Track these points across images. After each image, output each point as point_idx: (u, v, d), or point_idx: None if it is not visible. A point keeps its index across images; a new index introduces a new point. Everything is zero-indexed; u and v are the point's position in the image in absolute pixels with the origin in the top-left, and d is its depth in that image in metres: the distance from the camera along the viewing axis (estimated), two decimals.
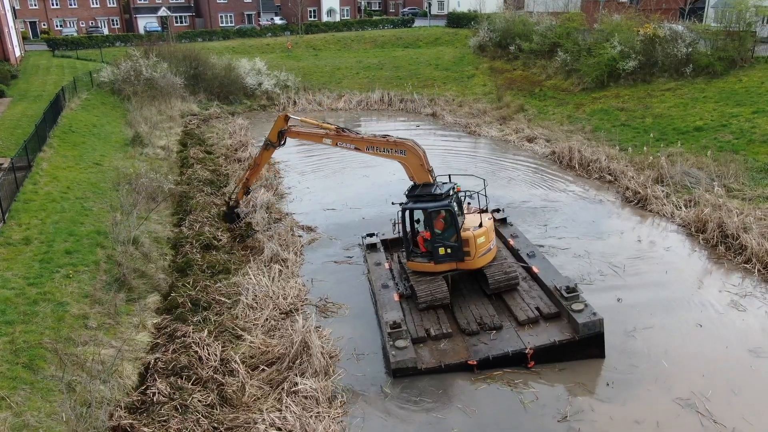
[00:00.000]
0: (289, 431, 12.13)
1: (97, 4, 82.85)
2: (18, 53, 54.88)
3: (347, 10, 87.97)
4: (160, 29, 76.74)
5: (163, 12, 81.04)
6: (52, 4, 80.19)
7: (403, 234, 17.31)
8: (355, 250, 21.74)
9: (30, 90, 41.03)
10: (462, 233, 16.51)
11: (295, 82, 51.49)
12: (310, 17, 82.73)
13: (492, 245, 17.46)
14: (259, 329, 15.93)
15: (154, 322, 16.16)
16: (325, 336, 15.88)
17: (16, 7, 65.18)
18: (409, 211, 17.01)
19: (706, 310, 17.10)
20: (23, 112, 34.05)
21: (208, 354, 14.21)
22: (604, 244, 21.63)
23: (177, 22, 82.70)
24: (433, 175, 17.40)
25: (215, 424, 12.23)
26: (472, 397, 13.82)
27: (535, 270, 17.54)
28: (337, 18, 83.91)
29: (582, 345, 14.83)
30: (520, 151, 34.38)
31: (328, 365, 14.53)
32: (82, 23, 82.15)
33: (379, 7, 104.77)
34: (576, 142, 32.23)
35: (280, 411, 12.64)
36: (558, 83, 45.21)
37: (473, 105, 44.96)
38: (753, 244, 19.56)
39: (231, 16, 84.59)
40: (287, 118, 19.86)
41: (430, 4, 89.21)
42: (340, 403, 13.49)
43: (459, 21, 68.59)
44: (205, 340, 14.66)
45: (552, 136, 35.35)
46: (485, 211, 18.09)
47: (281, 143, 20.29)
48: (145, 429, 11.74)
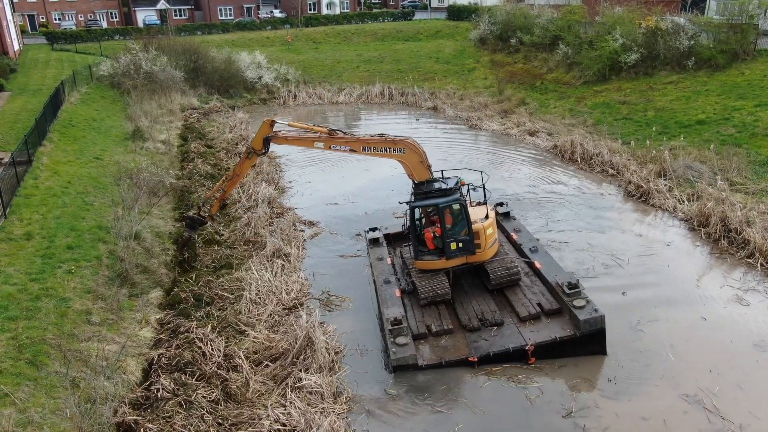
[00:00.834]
0: (294, 427, 12.10)
1: None
2: (17, 47, 54.64)
3: (347, 3, 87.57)
4: (159, 22, 76.44)
5: (162, 5, 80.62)
6: None
7: (411, 232, 17.16)
8: (360, 245, 21.71)
9: (29, 84, 40.85)
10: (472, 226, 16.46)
11: (295, 75, 51.33)
12: (310, 10, 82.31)
13: (496, 237, 17.45)
14: (263, 324, 15.90)
15: (157, 317, 16.13)
16: (330, 332, 15.85)
17: (15, 1, 64.74)
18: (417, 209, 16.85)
19: (709, 305, 17.08)
20: (23, 106, 33.89)
21: (212, 349, 14.19)
22: (606, 237, 21.59)
23: (176, 15, 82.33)
24: (430, 171, 17.27)
25: (219, 420, 12.23)
26: (475, 393, 13.80)
27: (538, 265, 17.49)
28: (337, 11, 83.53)
29: (583, 341, 14.80)
30: (521, 144, 34.26)
31: (333, 361, 14.51)
32: (81, 16, 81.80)
33: None
34: (578, 136, 32.12)
35: (284, 407, 12.61)
36: (559, 76, 45.02)
37: (474, 98, 44.78)
38: (756, 239, 19.50)
39: (230, 9, 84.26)
40: (273, 123, 17.95)
41: None
42: (345, 398, 13.48)
43: (459, 14, 68.35)
44: (208, 336, 14.65)
45: (553, 129, 35.23)
46: (483, 204, 18.04)
47: (265, 151, 18.32)
48: (149, 425, 11.73)
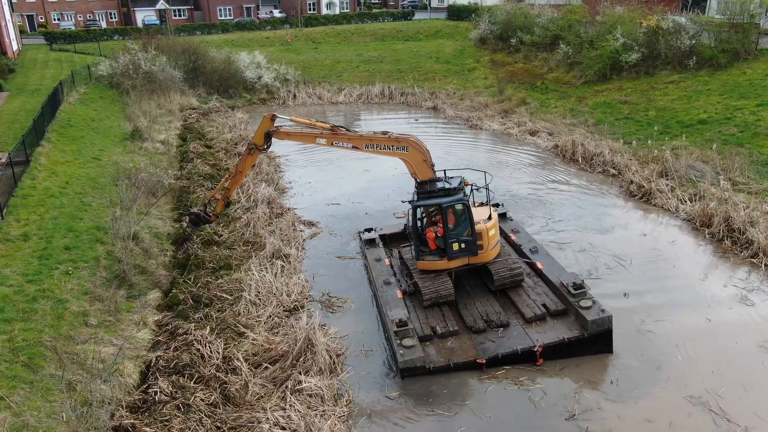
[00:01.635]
0: (294, 430, 11.93)
1: None
2: (15, 47, 54.51)
3: (347, 3, 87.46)
4: (158, 22, 76.28)
5: (161, 5, 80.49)
6: None
7: (413, 232, 16.94)
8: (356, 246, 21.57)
9: (28, 84, 40.70)
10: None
11: (294, 75, 51.16)
12: (310, 10, 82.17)
13: (498, 238, 17.28)
14: (262, 326, 15.71)
15: (155, 319, 15.94)
16: (331, 334, 15.65)
17: (14, 1, 64.60)
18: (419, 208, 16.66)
19: (713, 305, 16.92)
20: (21, 106, 33.73)
21: (211, 352, 14.02)
22: (608, 238, 21.42)
23: (175, 15, 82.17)
24: (434, 170, 17.09)
25: (218, 424, 12.05)
26: (479, 396, 13.64)
27: (540, 266, 17.33)
28: (337, 11, 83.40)
29: (591, 342, 14.69)
30: (522, 144, 34.11)
31: (333, 363, 14.34)
32: (80, 16, 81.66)
33: None
34: (579, 136, 31.98)
35: (284, 409, 12.44)
36: (560, 76, 44.87)
37: (474, 98, 44.63)
38: (760, 239, 19.37)
39: (230, 9, 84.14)
40: (274, 118, 17.75)
41: None
42: (346, 401, 13.30)
43: (459, 13, 68.22)
44: (207, 338, 14.47)
45: (554, 129, 35.08)
46: (484, 204, 17.87)
47: (267, 147, 18.10)
48: (147, 429, 11.56)
